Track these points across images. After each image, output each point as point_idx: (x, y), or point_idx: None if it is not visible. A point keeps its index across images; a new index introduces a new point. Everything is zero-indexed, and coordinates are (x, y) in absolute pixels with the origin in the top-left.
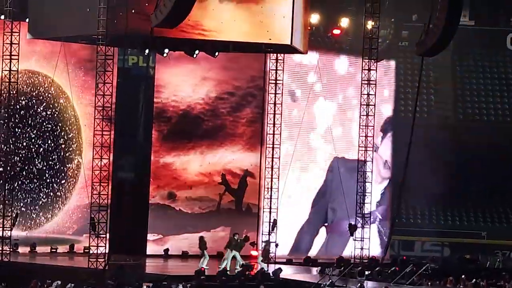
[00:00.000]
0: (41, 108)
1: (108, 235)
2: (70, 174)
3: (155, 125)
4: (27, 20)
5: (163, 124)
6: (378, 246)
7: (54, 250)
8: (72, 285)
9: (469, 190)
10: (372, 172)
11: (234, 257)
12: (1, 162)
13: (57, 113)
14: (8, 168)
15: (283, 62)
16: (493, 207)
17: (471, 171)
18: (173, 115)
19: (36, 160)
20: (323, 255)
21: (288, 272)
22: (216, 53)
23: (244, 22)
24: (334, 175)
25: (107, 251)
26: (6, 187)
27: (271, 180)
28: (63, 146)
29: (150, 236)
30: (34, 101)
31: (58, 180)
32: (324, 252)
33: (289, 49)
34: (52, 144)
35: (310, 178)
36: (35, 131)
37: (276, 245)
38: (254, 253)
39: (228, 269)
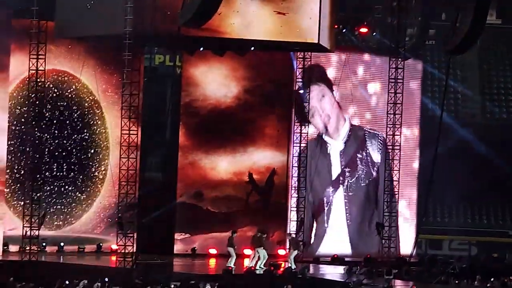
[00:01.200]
0: (68, 108)
1: (135, 234)
2: (98, 174)
3: (184, 121)
4: (54, 19)
5: (191, 121)
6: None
7: (82, 249)
8: (99, 284)
9: (497, 188)
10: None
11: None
12: (29, 162)
13: (84, 112)
14: (36, 168)
15: (310, 60)
16: None
17: (498, 169)
18: (202, 112)
19: (64, 159)
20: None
21: (315, 271)
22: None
23: (271, 20)
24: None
25: (134, 251)
26: (34, 187)
27: (298, 179)
28: (90, 145)
29: (177, 236)
30: (61, 100)
31: (86, 180)
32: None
33: (316, 47)
34: (79, 143)
35: None
36: (62, 130)
37: (304, 244)
38: (281, 252)
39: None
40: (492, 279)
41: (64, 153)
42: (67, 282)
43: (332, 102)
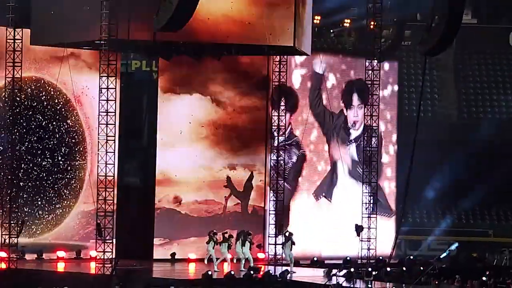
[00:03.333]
0: (45, 115)
1: (114, 240)
2: (75, 180)
3: None
4: (29, 26)
5: None
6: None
7: (61, 256)
8: None
9: (475, 188)
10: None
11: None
12: (6, 170)
13: (60, 119)
14: (12, 175)
15: (287, 63)
16: (500, 205)
17: (476, 169)
18: None
19: (41, 166)
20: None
21: (295, 274)
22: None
23: (248, 24)
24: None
25: (113, 257)
26: (12, 194)
27: (277, 182)
28: (67, 152)
29: (156, 241)
30: (37, 108)
31: (63, 186)
32: None
33: (293, 51)
34: (57, 150)
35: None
36: (38, 137)
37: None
38: (261, 255)
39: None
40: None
41: (41, 160)
42: None
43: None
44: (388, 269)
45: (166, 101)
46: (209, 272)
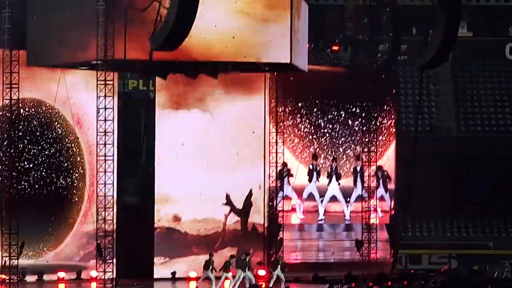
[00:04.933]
0: (43, 136)
1: (115, 260)
2: (75, 200)
3: None
4: (26, 48)
5: None
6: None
7: (61, 277)
8: None
9: (474, 201)
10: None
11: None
12: (5, 191)
13: (58, 139)
14: (11, 196)
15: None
16: (499, 217)
17: (476, 182)
18: None
19: (40, 187)
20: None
21: None
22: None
23: (243, 42)
24: None
25: (114, 277)
26: (11, 216)
27: (276, 199)
28: (66, 172)
29: (156, 260)
30: (35, 129)
31: (63, 207)
32: None
33: (289, 68)
34: (56, 172)
35: None
36: (37, 158)
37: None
38: (261, 272)
39: None
40: None
41: (40, 181)
42: None
43: None
44: (390, 283)
45: (164, 119)
46: None
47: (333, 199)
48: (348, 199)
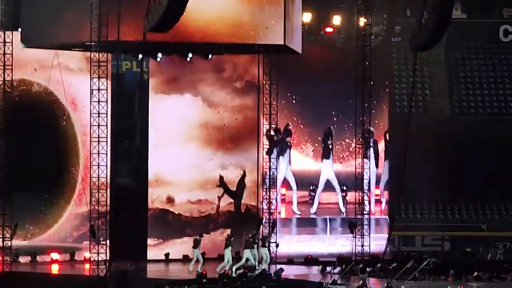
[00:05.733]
0: (36, 117)
1: (108, 241)
2: (68, 182)
3: None
4: (19, 29)
5: None
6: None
7: (55, 258)
8: None
9: (468, 183)
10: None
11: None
12: None
13: (52, 121)
14: (5, 178)
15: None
16: (493, 199)
17: (469, 164)
18: None
19: (34, 169)
20: None
21: (289, 272)
22: (210, 56)
23: (237, 23)
24: None
25: (108, 258)
26: (5, 198)
27: (269, 181)
28: (61, 154)
29: (150, 241)
30: (30, 110)
31: (56, 188)
32: None
33: (284, 49)
34: (50, 153)
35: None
36: (31, 140)
37: (277, 245)
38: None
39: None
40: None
41: (34, 162)
42: None
43: None
44: (382, 265)
45: (157, 102)
46: (203, 272)
47: (328, 186)
48: (344, 187)
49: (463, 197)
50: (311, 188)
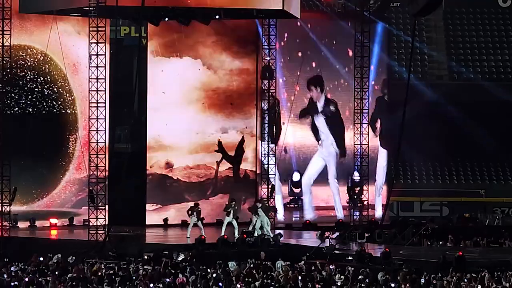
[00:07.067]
0: (36, 83)
1: (107, 206)
2: (67, 147)
3: None
4: None
5: None
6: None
7: (54, 223)
8: (74, 258)
9: (466, 149)
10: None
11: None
12: None
13: (52, 86)
14: (3, 143)
15: (276, 26)
16: (491, 165)
17: (467, 130)
18: None
19: (32, 134)
20: None
21: (288, 237)
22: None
23: None
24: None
25: (106, 223)
26: (3, 163)
27: (268, 146)
28: (59, 119)
29: (149, 206)
30: (28, 76)
31: (56, 153)
32: None
33: (282, 14)
34: (49, 118)
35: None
36: (29, 106)
37: (275, 210)
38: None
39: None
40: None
41: (32, 128)
42: (41, 259)
43: None
44: (380, 231)
45: (156, 66)
46: (202, 237)
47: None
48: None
49: (461, 162)
50: None
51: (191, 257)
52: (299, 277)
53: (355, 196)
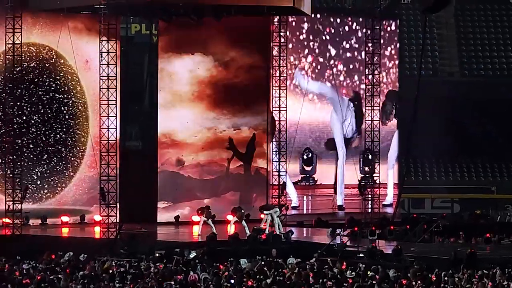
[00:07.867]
0: (47, 80)
1: (118, 204)
2: (79, 145)
3: None
4: None
5: None
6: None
7: (65, 221)
8: (85, 255)
9: (478, 145)
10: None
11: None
12: (9, 136)
13: (62, 84)
14: (15, 141)
15: (287, 24)
16: (502, 161)
17: (478, 126)
18: None
19: (43, 132)
20: None
21: (299, 235)
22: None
23: None
24: None
25: (118, 221)
26: (15, 161)
27: (279, 143)
28: (70, 117)
29: (160, 204)
30: (39, 73)
31: (67, 151)
32: None
33: (293, 11)
34: (59, 116)
35: None
36: (40, 104)
37: (286, 208)
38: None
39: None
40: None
41: (43, 126)
42: (53, 257)
43: None
44: (392, 227)
45: (167, 63)
46: (214, 234)
47: None
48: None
49: (472, 159)
50: None
51: (202, 254)
52: (311, 274)
53: (364, 187)
